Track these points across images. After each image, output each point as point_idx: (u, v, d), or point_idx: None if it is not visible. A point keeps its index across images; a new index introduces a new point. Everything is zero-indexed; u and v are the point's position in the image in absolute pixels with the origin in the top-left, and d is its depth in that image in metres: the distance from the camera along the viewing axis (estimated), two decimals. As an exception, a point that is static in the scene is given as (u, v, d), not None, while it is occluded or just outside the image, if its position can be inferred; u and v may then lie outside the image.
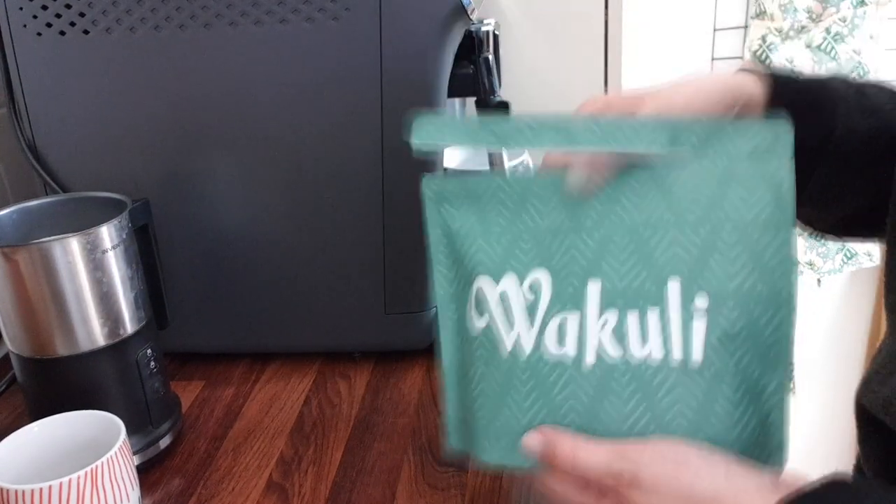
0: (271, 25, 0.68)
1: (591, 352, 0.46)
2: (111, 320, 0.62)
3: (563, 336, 0.46)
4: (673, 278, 0.44)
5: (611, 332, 0.45)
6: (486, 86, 0.74)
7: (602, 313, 0.45)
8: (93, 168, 0.74)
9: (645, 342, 0.44)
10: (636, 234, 0.44)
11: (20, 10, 0.70)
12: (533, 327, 0.47)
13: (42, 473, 0.54)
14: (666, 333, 0.44)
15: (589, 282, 0.45)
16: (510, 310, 0.48)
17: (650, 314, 0.44)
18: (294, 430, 0.70)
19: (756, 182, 0.43)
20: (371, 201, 0.73)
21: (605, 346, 0.45)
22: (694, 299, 0.44)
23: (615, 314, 0.45)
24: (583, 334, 0.46)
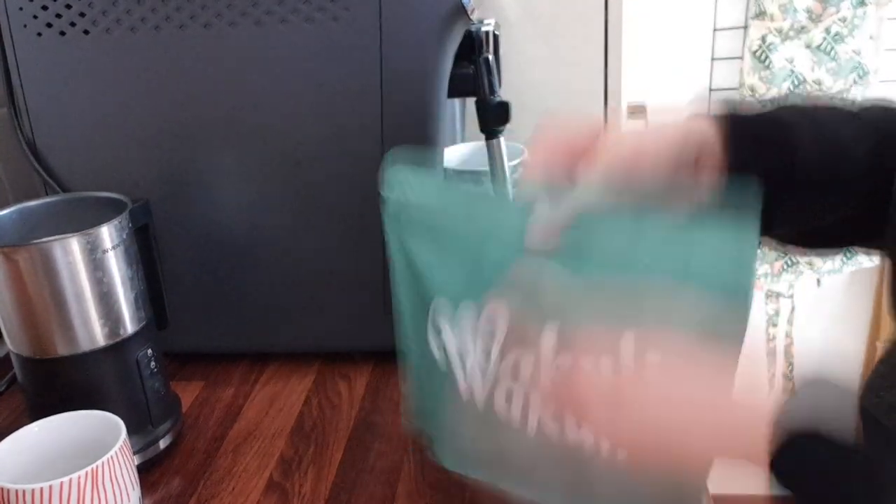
0: (271, 25, 0.68)
1: (533, 420, 0.48)
2: (111, 320, 0.62)
3: (510, 401, 0.48)
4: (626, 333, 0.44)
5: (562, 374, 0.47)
6: (486, 86, 0.74)
7: (556, 356, 0.46)
8: (93, 168, 0.74)
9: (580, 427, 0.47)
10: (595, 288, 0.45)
11: (20, 10, 0.70)
12: (484, 385, 0.49)
13: (42, 473, 0.54)
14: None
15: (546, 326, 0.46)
16: (464, 356, 0.49)
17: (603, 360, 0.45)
18: (294, 431, 0.70)
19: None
20: (371, 201, 0.72)
21: (544, 418, 0.47)
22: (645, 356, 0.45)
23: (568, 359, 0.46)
24: (536, 372, 0.47)
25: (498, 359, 0.48)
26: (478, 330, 0.48)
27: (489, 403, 0.49)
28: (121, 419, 0.55)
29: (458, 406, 0.51)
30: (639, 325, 0.44)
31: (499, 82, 0.75)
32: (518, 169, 0.88)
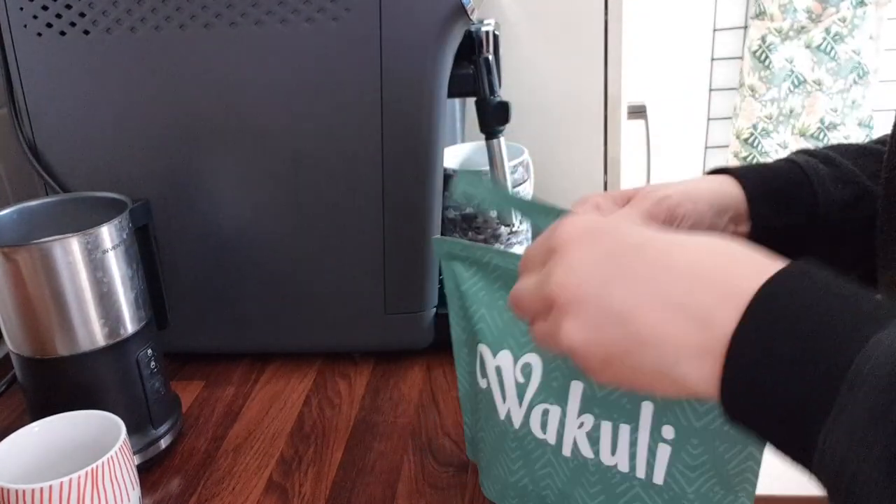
0: (271, 26, 0.68)
1: (567, 445, 0.48)
2: (111, 320, 0.62)
3: (545, 424, 0.49)
4: (647, 403, 0.45)
5: (585, 434, 0.48)
6: (486, 86, 0.74)
7: (580, 414, 0.47)
8: (93, 168, 0.74)
9: (614, 453, 0.47)
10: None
11: (20, 10, 0.70)
12: (521, 407, 0.50)
13: (42, 473, 0.54)
14: (633, 451, 0.46)
15: (572, 382, 0.47)
16: (503, 385, 0.50)
17: (622, 429, 0.46)
18: (294, 431, 0.70)
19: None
20: (371, 201, 0.73)
21: (579, 444, 0.48)
22: (662, 428, 0.45)
23: (591, 419, 0.47)
24: (562, 428, 0.48)
25: (531, 402, 0.49)
26: (513, 378, 0.50)
27: (525, 428, 0.50)
28: (121, 419, 0.55)
29: (497, 429, 0.52)
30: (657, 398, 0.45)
31: (499, 82, 0.75)
32: (518, 169, 0.88)
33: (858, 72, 1.79)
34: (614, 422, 0.46)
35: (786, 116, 1.82)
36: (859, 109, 1.82)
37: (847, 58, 1.77)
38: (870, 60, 1.78)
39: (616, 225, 0.38)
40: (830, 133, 1.83)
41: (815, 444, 0.30)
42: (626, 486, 0.47)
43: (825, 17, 1.75)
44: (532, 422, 0.49)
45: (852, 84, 1.80)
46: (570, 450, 0.48)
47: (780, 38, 1.77)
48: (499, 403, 0.51)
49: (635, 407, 0.46)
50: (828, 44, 1.77)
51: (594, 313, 0.36)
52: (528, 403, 0.49)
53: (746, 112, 1.84)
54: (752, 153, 1.86)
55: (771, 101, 1.81)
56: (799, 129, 1.83)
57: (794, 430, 0.31)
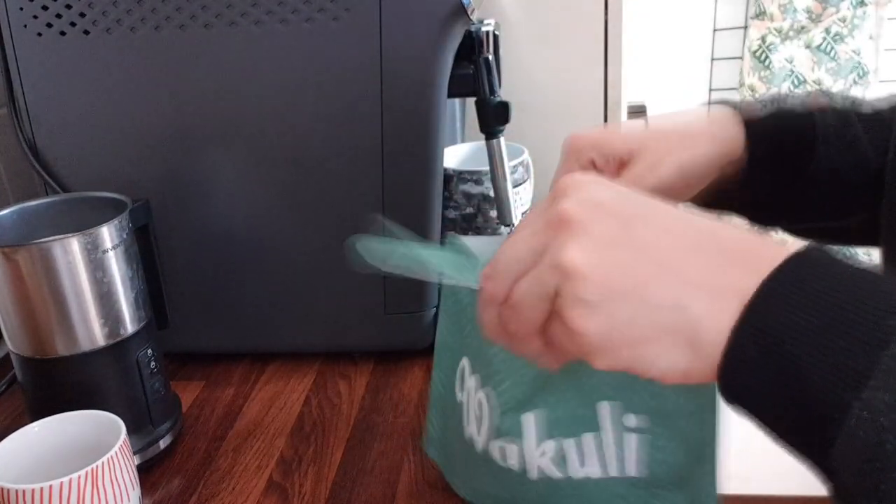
0: (271, 26, 0.68)
1: (532, 471, 0.47)
2: (111, 320, 0.62)
3: (504, 456, 0.48)
4: (602, 403, 0.45)
5: (549, 459, 0.47)
6: (486, 86, 0.74)
7: (540, 443, 0.46)
8: (93, 168, 0.74)
9: (583, 465, 0.47)
10: (569, 370, 0.44)
11: (20, 10, 0.70)
12: (481, 437, 0.49)
13: (42, 473, 0.54)
14: (601, 454, 0.46)
15: (523, 416, 0.46)
16: (469, 408, 0.50)
17: (586, 439, 0.46)
18: (294, 430, 0.70)
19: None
20: (371, 201, 0.73)
21: (545, 469, 0.47)
22: (623, 419, 0.45)
23: (552, 444, 0.46)
24: (523, 460, 0.47)
25: (488, 436, 0.49)
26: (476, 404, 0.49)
27: (488, 453, 0.50)
28: (121, 419, 0.55)
29: (465, 445, 0.52)
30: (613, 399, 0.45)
31: (499, 82, 0.75)
32: (517, 169, 0.88)
33: (858, 72, 1.79)
34: (576, 436, 0.46)
35: (786, 116, 1.83)
36: (859, 109, 1.82)
37: (847, 58, 1.78)
38: (869, 60, 1.78)
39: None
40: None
41: (845, 414, 0.28)
42: (602, 491, 0.47)
43: (825, 18, 1.75)
44: (493, 453, 0.49)
45: (852, 84, 1.80)
46: (537, 474, 0.48)
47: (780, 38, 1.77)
48: (465, 423, 0.51)
49: (592, 412, 0.46)
50: (828, 44, 1.77)
51: (607, 234, 0.33)
52: (486, 438, 0.49)
53: (746, 112, 1.84)
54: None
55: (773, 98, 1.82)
56: (799, 129, 1.84)
57: (818, 400, 0.28)
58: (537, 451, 0.46)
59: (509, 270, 0.36)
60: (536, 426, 0.46)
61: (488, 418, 0.48)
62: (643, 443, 0.46)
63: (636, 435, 0.45)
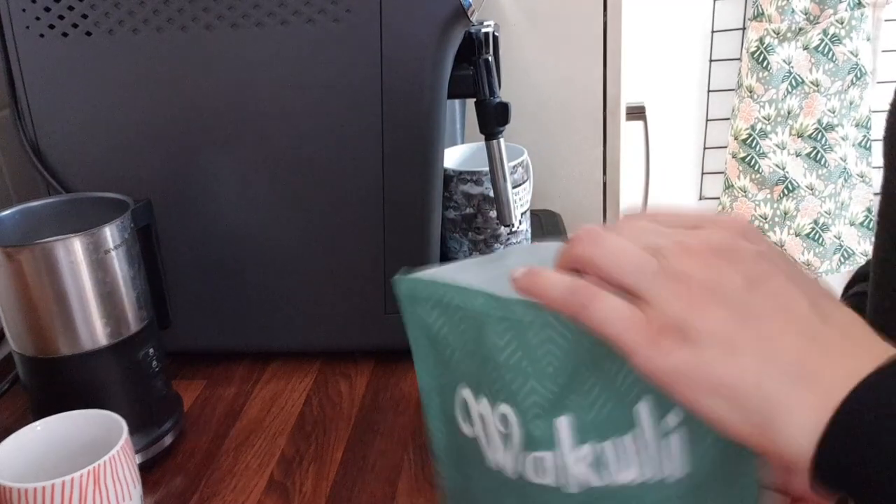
0: (272, 27, 0.68)
1: (573, 483, 0.44)
2: (114, 320, 0.62)
3: (540, 470, 0.44)
4: (641, 402, 0.43)
5: (587, 465, 0.44)
6: (486, 87, 0.75)
7: (576, 447, 0.43)
8: (95, 168, 0.74)
9: (626, 468, 0.44)
10: (598, 367, 0.42)
11: (23, 11, 0.70)
12: (510, 457, 0.45)
13: (45, 472, 0.55)
14: (643, 457, 0.44)
15: (555, 421, 0.43)
16: (489, 434, 0.46)
17: (626, 440, 0.43)
18: (295, 429, 0.70)
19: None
20: (371, 201, 0.73)
21: (583, 478, 0.44)
22: (665, 417, 0.43)
23: (590, 448, 0.43)
24: (560, 469, 0.44)
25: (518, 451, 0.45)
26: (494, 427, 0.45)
27: (521, 475, 0.45)
28: (123, 418, 0.56)
29: (491, 479, 0.47)
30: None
31: (498, 83, 0.76)
32: (517, 169, 0.88)
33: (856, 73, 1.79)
34: (615, 437, 0.43)
35: (784, 117, 1.83)
36: (857, 110, 1.82)
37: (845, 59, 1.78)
38: (867, 62, 1.79)
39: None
40: (828, 134, 1.83)
41: None
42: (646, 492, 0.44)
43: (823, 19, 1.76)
44: (526, 470, 0.45)
45: (850, 85, 1.80)
46: (577, 486, 0.44)
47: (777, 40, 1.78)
48: (486, 451, 0.46)
49: (627, 412, 0.43)
50: (825, 45, 1.77)
51: (732, 281, 0.32)
52: (517, 454, 0.45)
53: (744, 113, 1.84)
54: (751, 154, 1.86)
55: (769, 102, 1.82)
56: (797, 130, 1.84)
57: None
58: (573, 456, 0.43)
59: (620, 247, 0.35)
60: (571, 429, 0.43)
61: (517, 432, 0.45)
62: (686, 441, 0.43)
63: (679, 433, 0.43)
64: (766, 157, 1.86)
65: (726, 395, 0.32)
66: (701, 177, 1.98)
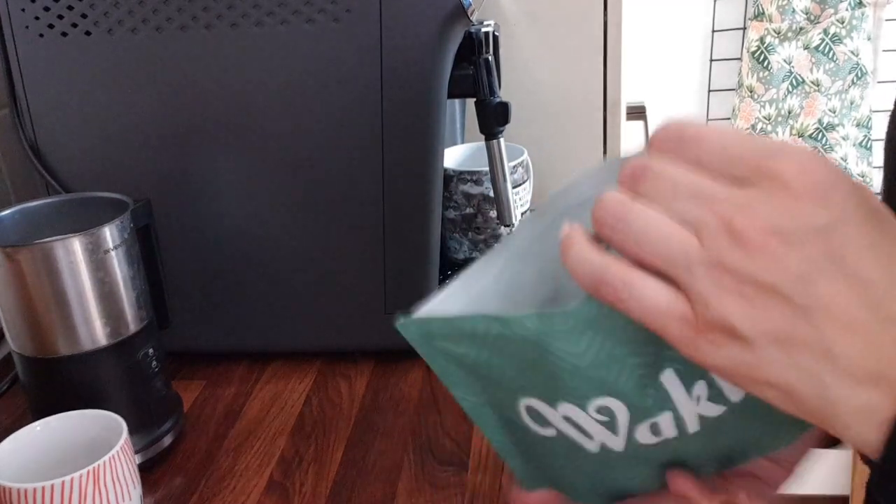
0: (272, 27, 0.68)
1: (692, 423, 0.41)
2: (113, 320, 0.62)
3: (657, 431, 0.41)
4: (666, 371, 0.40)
5: (705, 398, 0.40)
6: (486, 87, 0.75)
7: (691, 393, 0.40)
8: (95, 168, 0.74)
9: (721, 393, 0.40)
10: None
11: (22, 11, 0.70)
12: (618, 436, 0.42)
13: (44, 472, 0.55)
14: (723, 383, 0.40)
15: (660, 380, 0.39)
16: (582, 427, 0.42)
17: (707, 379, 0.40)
18: (295, 430, 0.70)
19: None
20: (371, 201, 0.73)
21: (705, 412, 0.41)
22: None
23: (703, 382, 0.40)
24: (680, 423, 0.41)
25: (629, 428, 0.42)
26: (592, 420, 0.42)
27: (633, 444, 0.42)
28: (122, 418, 0.56)
29: (594, 461, 0.44)
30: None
31: (498, 83, 0.76)
32: (517, 169, 0.88)
33: (857, 73, 1.79)
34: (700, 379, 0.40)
35: (784, 117, 1.83)
36: (858, 110, 1.82)
37: (845, 59, 1.78)
38: (868, 61, 1.79)
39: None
40: (829, 134, 1.83)
41: None
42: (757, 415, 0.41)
43: (823, 19, 1.76)
44: (639, 438, 0.42)
45: (850, 85, 1.80)
46: (697, 424, 0.41)
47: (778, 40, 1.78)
48: (584, 443, 0.43)
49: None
50: (826, 45, 1.77)
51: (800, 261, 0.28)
52: (627, 430, 0.41)
53: (745, 113, 1.84)
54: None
55: (769, 101, 1.82)
56: (797, 130, 1.84)
57: None
58: (691, 401, 0.40)
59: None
60: (679, 379, 0.39)
61: (622, 414, 0.41)
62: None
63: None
64: (767, 156, 1.86)
65: (785, 392, 0.30)
66: (701, 177, 1.98)
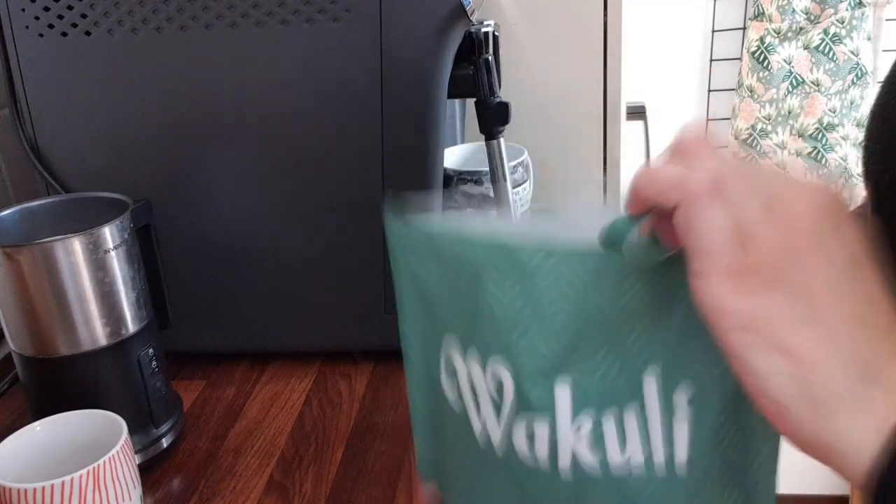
0: (272, 27, 0.68)
1: (565, 460, 0.40)
2: (113, 320, 0.62)
3: (532, 439, 0.40)
4: (649, 371, 0.39)
5: (585, 439, 0.39)
6: (486, 87, 0.75)
7: (575, 417, 0.39)
8: (95, 168, 0.74)
9: (624, 446, 0.39)
10: (607, 326, 0.38)
11: (22, 11, 0.70)
12: (500, 425, 0.41)
13: (44, 472, 0.55)
14: (645, 433, 0.39)
15: (556, 384, 0.39)
16: (477, 395, 0.41)
17: (628, 414, 0.39)
18: (295, 430, 0.70)
19: None
20: (371, 201, 0.73)
21: (579, 454, 0.39)
22: (674, 392, 0.39)
23: (589, 419, 0.39)
24: (554, 439, 0.39)
25: (510, 417, 0.41)
26: (485, 388, 0.41)
27: (509, 447, 0.41)
28: (122, 418, 0.56)
29: (475, 453, 0.43)
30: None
31: (498, 83, 0.76)
32: (517, 169, 0.88)
33: (857, 73, 1.79)
34: (617, 407, 0.39)
35: (784, 117, 1.83)
36: (858, 110, 1.82)
37: (845, 59, 1.78)
38: (868, 61, 1.79)
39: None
40: (829, 133, 1.83)
41: None
42: (643, 484, 0.40)
43: (823, 19, 1.75)
44: (516, 440, 0.40)
45: (850, 85, 1.80)
46: (570, 465, 0.40)
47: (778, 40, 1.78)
48: (474, 420, 0.42)
49: (636, 382, 0.38)
50: (826, 45, 1.77)
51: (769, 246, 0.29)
52: (508, 420, 0.40)
53: (745, 113, 1.84)
54: (751, 154, 1.86)
55: (769, 101, 1.82)
56: (797, 130, 1.84)
57: None
58: (572, 427, 0.39)
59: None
60: (571, 394, 0.39)
61: (510, 394, 0.40)
62: (697, 423, 0.39)
63: (689, 410, 0.39)
64: (767, 156, 1.86)
65: (788, 362, 0.29)
66: (701, 177, 1.98)
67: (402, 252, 0.43)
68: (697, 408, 0.39)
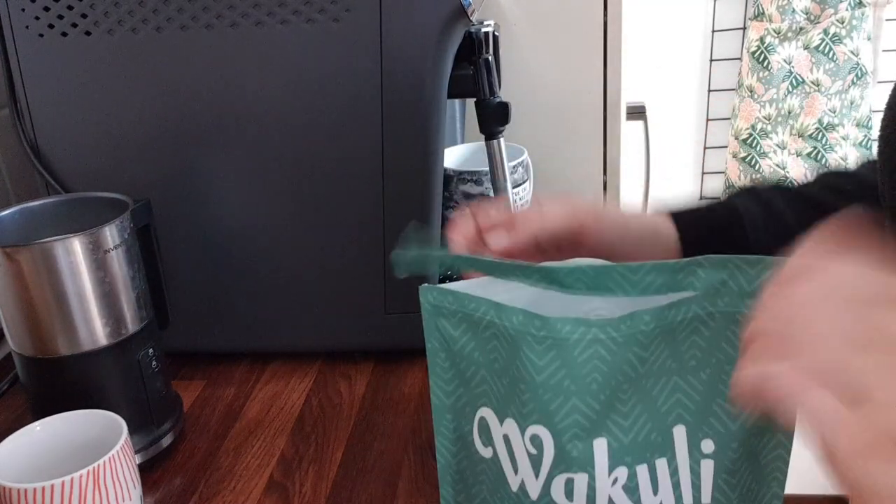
0: (272, 27, 0.68)
1: (602, 503, 0.43)
2: (113, 320, 0.62)
3: (570, 492, 0.42)
4: (678, 426, 0.42)
5: (621, 488, 0.42)
6: (486, 87, 0.75)
7: (611, 472, 0.42)
8: (95, 168, 0.74)
9: (656, 493, 0.42)
10: (639, 387, 0.41)
11: (22, 11, 0.70)
12: (538, 480, 0.43)
13: (44, 472, 0.55)
14: (675, 480, 0.42)
15: (594, 443, 0.42)
16: (514, 455, 0.44)
17: (659, 464, 0.42)
18: (295, 430, 0.70)
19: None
20: (371, 201, 0.73)
21: (615, 498, 0.42)
22: (700, 444, 0.42)
23: (625, 471, 0.42)
24: (592, 493, 0.42)
25: (549, 472, 0.43)
26: (524, 449, 0.43)
27: (546, 497, 0.44)
28: (122, 418, 0.56)
29: (507, 501, 0.46)
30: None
31: (498, 83, 0.76)
32: (517, 169, 0.88)
33: (857, 73, 1.79)
34: (649, 461, 0.42)
35: (784, 117, 1.83)
36: (858, 110, 1.82)
37: (845, 59, 1.78)
38: (868, 61, 1.79)
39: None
40: (829, 133, 1.83)
41: None
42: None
43: (823, 19, 1.75)
44: (554, 492, 0.43)
45: (851, 85, 1.80)
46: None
47: (778, 40, 1.78)
48: (510, 475, 0.44)
49: (667, 435, 0.42)
50: (826, 45, 1.77)
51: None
52: (547, 475, 0.43)
53: (745, 113, 1.84)
54: (751, 153, 1.86)
55: (769, 101, 1.82)
56: (797, 130, 1.84)
57: None
58: (609, 479, 0.42)
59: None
60: (609, 450, 0.41)
61: (549, 453, 0.42)
62: (718, 468, 0.42)
63: (713, 461, 0.42)
64: (767, 156, 1.86)
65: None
66: (701, 177, 1.98)
67: (434, 315, 0.46)
68: (720, 454, 0.42)
